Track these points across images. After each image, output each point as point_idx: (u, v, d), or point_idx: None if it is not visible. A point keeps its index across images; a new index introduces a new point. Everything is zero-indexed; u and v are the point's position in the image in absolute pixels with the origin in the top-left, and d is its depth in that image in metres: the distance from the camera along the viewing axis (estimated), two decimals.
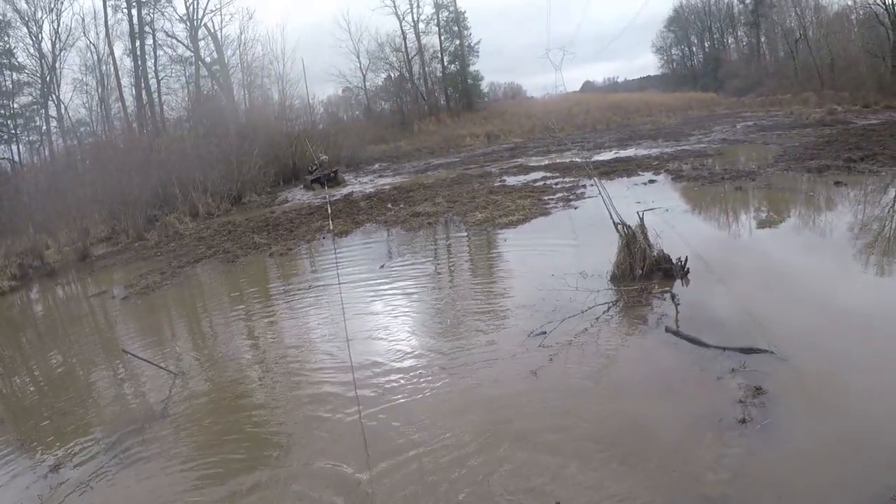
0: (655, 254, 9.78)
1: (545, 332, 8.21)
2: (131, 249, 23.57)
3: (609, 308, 8.82)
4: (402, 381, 7.52)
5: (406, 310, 10.38)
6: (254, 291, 13.77)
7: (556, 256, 11.70)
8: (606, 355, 7.47)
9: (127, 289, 16.03)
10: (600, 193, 10.94)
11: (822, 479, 4.87)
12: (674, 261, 9.76)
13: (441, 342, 8.65)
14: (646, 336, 7.93)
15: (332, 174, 31.42)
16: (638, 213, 9.97)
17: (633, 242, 9.76)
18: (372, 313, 10.38)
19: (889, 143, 21.24)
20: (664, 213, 13.70)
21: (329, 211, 21.07)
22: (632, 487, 5.06)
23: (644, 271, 9.67)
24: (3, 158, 54.10)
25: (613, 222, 10.00)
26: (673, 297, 8.89)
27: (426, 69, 67.78)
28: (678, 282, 9.53)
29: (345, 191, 28.39)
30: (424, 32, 67.34)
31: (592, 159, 25.57)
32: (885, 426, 5.42)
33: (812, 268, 9.89)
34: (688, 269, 9.68)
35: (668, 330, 7.83)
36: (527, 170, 24.90)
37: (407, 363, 8.05)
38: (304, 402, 7.44)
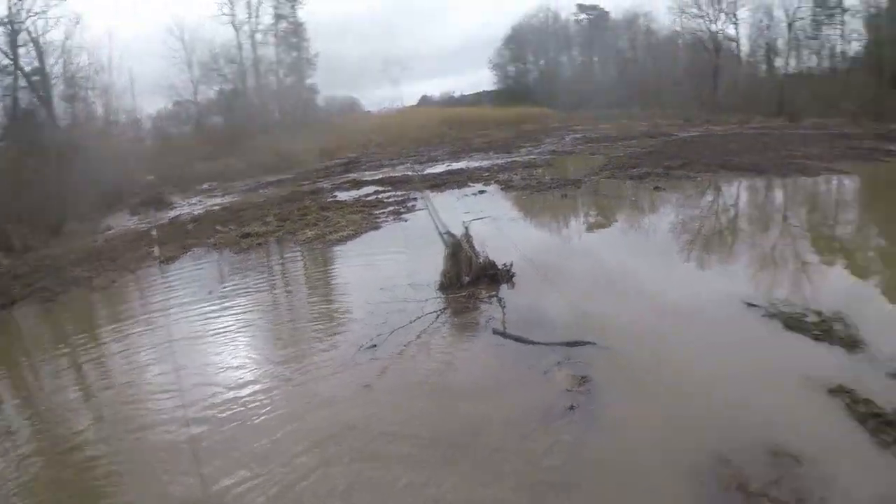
0: (481, 261, 10.00)
1: (375, 346, 8.21)
2: None
3: (438, 316, 8.93)
4: (236, 406, 7.31)
5: (239, 333, 10.11)
6: (78, 331, 13.06)
7: (386, 269, 11.73)
8: (437, 361, 7.58)
9: None
10: (427, 205, 11.08)
11: (648, 453, 5.26)
12: (499, 266, 10.03)
13: (274, 364, 8.45)
14: (474, 340, 8.11)
15: (157, 194, 30.44)
16: (463, 222, 10.21)
17: (458, 251, 9.97)
18: (204, 339, 10.03)
19: (704, 153, 22.93)
20: (493, 221, 14.05)
21: (154, 236, 20.40)
22: (470, 483, 5.22)
23: (471, 278, 9.88)
24: None
25: (439, 233, 10.16)
26: (499, 300, 9.14)
27: (261, 82, 66.77)
28: (504, 286, 9.78)
29: (172, 213, 27.51)
30: (262, 43, 66.07)
31: (425, 172, 25.91)
32: (700, 403, 5.95)
33: (635, 266, 10.52)
34: (513, 273, 9.97)
35: (495, 332, 8.05)
36: (359, 184, 24.94)
37: (242, 387, 7.79)
38: (138, 441, 7.03)
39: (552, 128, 46.09)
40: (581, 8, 77.34)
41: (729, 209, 15.11)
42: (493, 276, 9.96)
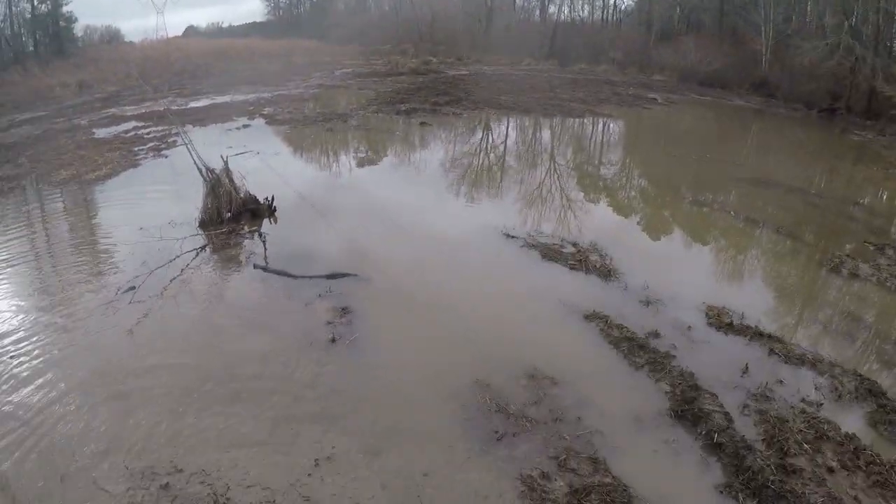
0: (242, 195, 9.92)
1: (134, 287, 7.94)
2: None
3: (198, 253, 8.83)
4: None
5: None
6: None
7: (144, 208, 11.27)
8: (198, 300, 7.53)
9: None
10: (185, 141, 10.77)
11: (410, 380, 5.59)
12: (261, 201, 10.02)
13: (35, 312, 7.96)
14: (236, 275, 8.14)
15: None
16: (222, 156, 10.00)
17: (218, 186, 9.80)
18: None
19: (473, 91, 23.65)
20: (256, 156, 13.90)
21: None
22: (240, 418, 5.33)
23: (232, 213, 9.80)
24: None
25: (198, 168, 9.93)
26: (261, 235, 9.20)
27: (13, 9, 61.58)
28: (267, 220, 9.85)
29: None
30: None
31: (189, 106, 25.02)
32: (460, 330, 6.37)
33: (400, 199, 10.87)
34: (275, 207, 10.01)
35: (256, 266, 8.13)
36: (119, 120, 23.65)
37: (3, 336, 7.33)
38: None
39: (322, 62, 45.59)
40: None
41: (496, 146, 15.74)
42: (254, 211, 9.96)
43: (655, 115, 20.44)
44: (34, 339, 7.17)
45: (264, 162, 13.31)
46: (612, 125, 18.87)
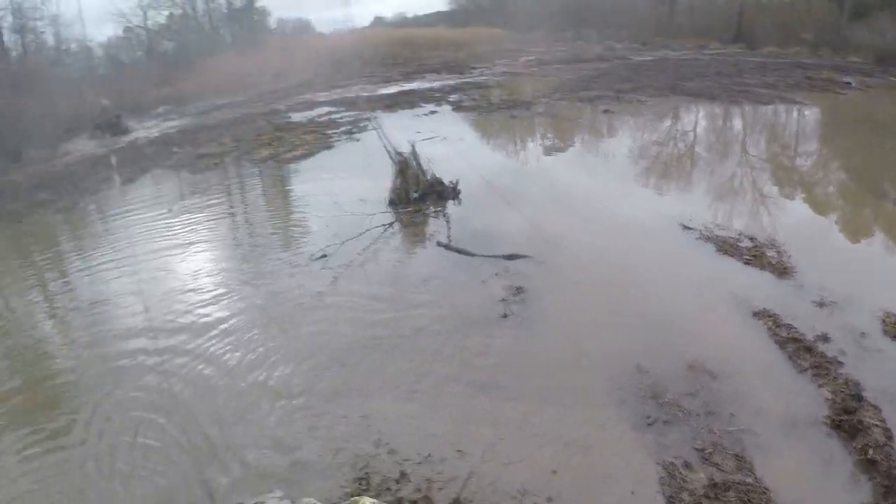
0: (429, 178, 10.35)
1: (326, 256, 8.62)
2: None
3: (386, 229, 9.34)
4: (204, 316, 7.61)
5: (201, 247, 10.37)
6: (45, 250, 13.24)
7: (339, 186, 12.05)
8: (384, 270, 8.02)
9: None
10: (375, 126, 11.31)
11: (572, 359, 5.66)
12: (446, 183, 10.38)
13: (236, 273, 8.81)
14: (420, 251, 8.59)
15: (114, 119, 30.06)
16: (409, 141, 10.44)
17: (406, 168, 10.30)
18: (170, 254, 10.25)
19: (657, 77, 22.99)
20: (442, 141, 14.30)
21: (113, 160, 20.35)
22: (414, 375, 5.69)
23: (419, 194, 10.24)
24: None
25: (387, 151, 10.42)
26: (445, 215, 9.58)
27: (210, 5, 65.41)
28: (451, 202, 10.18)
29: (129, 137, 27.31)
30: None
31: (378, 93, 25.87)
32: (627, 317, 6.33)
33: (575, 185, 10.91)
34: (459, 190, 10.35)
35: (439, 244, 8.50)
36: (313, 105, 24.87)
37: (207, 298, 8.09)
38: (110, 357, 7.21)
39: (506, 49, 45.68)
40: None
41: (681, 135, 15.29)
42: (440, 193, 10.32)
43: (852, 101, 19.11)
44: (233, 294, 8.00)
45: (450, 147, 13.69)
46: (805, 113, 17.89)
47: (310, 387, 5.80)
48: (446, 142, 14.34)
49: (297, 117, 21.91)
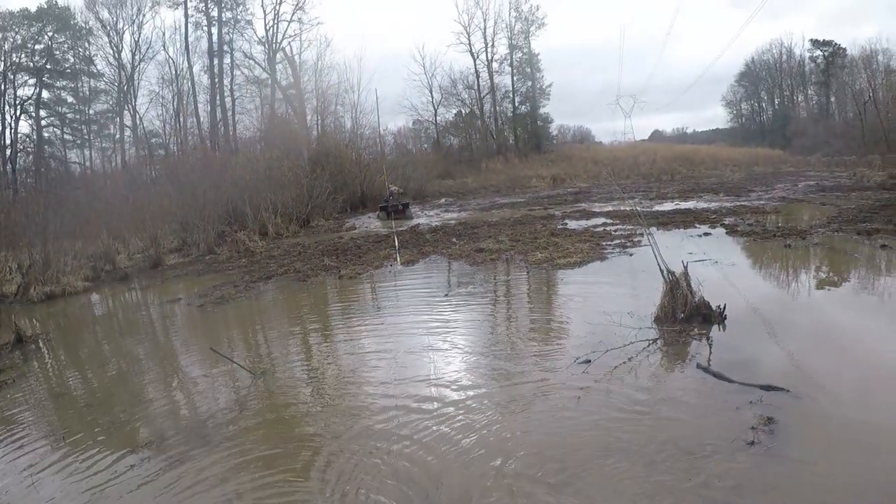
0: (696, 300, 10.60)
1: (589, 361, 9.25)
2: (202, 262, 25.17)
3: (649, 344, 9.75)
4: (456, 419, 8.26)
5: (466, 341, 11.34)
6: (326, 310, 14.98)
7: (608, 297, 12.67)
8: (642, 384, 8.41)
9: (202, 297, 17.39)
10: (650, 242, 11.80)
11: (809, 496, 5.63)
12: (713, 307, 10.57)
13: (495, 364, 9.73)
14: (679, 370, 8.86)
15: (401, 207, 32.52)
16: (683, 262, 10.83)
17: (676, 288, 10.65)
18: (432, 347, 11.26)
19: None
20: (713, 264, 14.46)
21: (396, 242, 22.16)
22: (653, 488, 5.99)
23: (685, 315, 10.54)
24: (76, 163, 56.77)
25: (660, 269, 10.88)
26: (708, 339, 9.79)
27: (497, 108, 69.01)
28: (715, 326, 10.33)
29: (411, 223, 29.54)
30: (497, 72, 68.86)
31: (654, 209, 26.27)
32: (878, 472, 5.97)
33: (851, 323, 10.54)
34: (725, 315, 10.48)
35: (699, 366, 8.73)
36: (589, 215, 25.68)
37: (463, 400, 8.79)
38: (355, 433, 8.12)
39: (785, 172, 44.53)
40: (815, 44, 73.98)
41: None
42: (706, 316, 10.50)
43: None
44: (486, 390, 8.82)
45: (720, 271, 13.80)
46: None
47: (539, 476, 6.40)
48: (717, 265, 14.46)
49: (572, 224, 22.82)
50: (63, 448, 8.69)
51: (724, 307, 10.58)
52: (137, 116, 58.50)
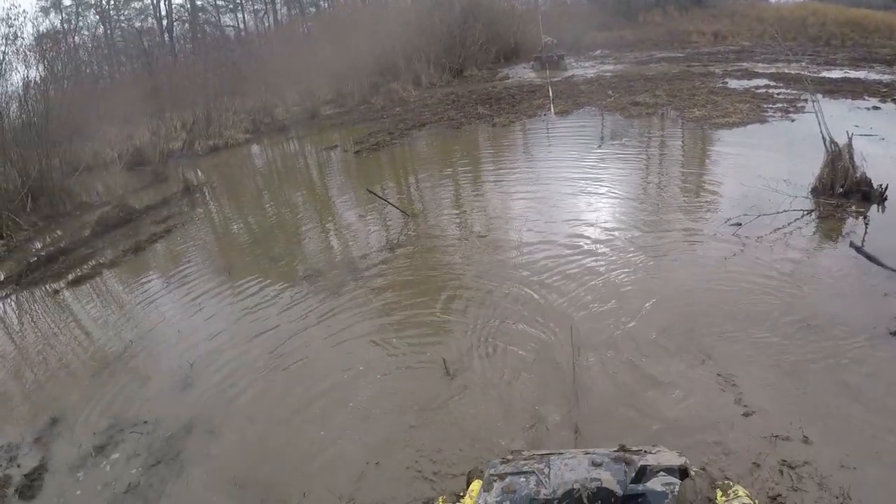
0: (858, 175, 10.03)
1: (740, 224, 9.15)
2: (357, 111, 25.76)
3: (803, 215, 9.43)
4: (602, 258, 8.63)
5: (616, 190, 11.31)
6: (478, 156, 15.10)
7: (764, 161, 12.18)
8: (790, 255, 8.25)
9: (357, 144, 17.86)
10: (815, 108, 11.17)
11: None
12: (874, 185, 9.99)
13: (645, 218, 9.80)
14: (830, 246, 8.58)
15: (556, 57, 31.90)
16: (847, 132, 10.24)
17: (837, 160, 10.10)
18: (582, 192, 11.44)
19: None
20: (881, 141, 13.62)
21: (550, 92, 21.84)
22: (792, 361, 6.01)
23: (844, 189, 10.02)
24: (230, 26, 57.75)
25: (822, 138, 10.36)
26: (865, 218, 9.34)
27: None
28: (875, 206, 9.80)
29: (566, 74, 28.92)
30: None
31: (821, 75, 24.66)
32: None
33: None
34: (886, 196, 9.88)
35: (851, 245, 8.38)
36: (751, 75, 24.31)
37: (610, 240, 9.14)
38: (515, 278, 8.47)
39: None
40: None
41: None
42: (865, 194, 9.96)
43: None
44: (632, 249, 8.86)
45: (886, 149, 12.81)
46: None
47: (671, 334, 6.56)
48: (884, 142, 13.54)
49: (733, 84, 21.72)
50: (227, 280, 9.42)
51: (886, 187, 9.95)
52: None
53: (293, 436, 5.87)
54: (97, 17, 49.79)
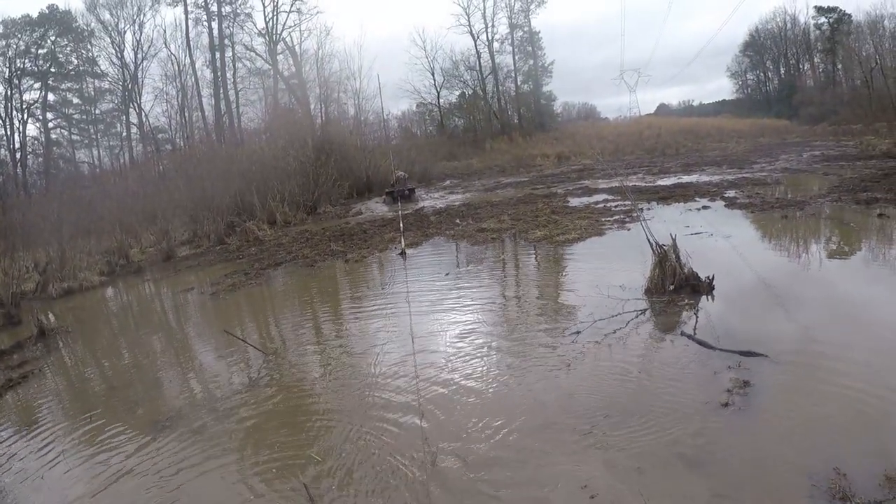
0: (686, 271, 11.00)
1: (579, 332, 9.74)
2: (213, 252, 25.85)
3: (637, 315, 10.18)
4: (462, 381, 8.82)
5: (469, 314, 11.82)
6: (336, 292, 15.45)
7: (601, 271, 13.09)
8: (629, 352, 8.87)
9: (214, 286, 17.96)
10: (640, 217, 12.17)
11: (776, 452, 5.99)
12: (702, 278, 10.96)
13: (499, 341, 10.15)
14: (664, 338, 9.28)
15: (406, 191, 33.18)
16: (671, 234, 11.22)
17: (665, 260, 11.06)
18: (440, 316, 11.91)
19: None
20: (709, 236, 14.82)
21: (401, 225, 22.60)
22: (632, 446, 6.42)
23: (674, 286, 10.94)
24: (85, 162, 57.80)
25: (649, 242, 11.27)
26: (695, 309, 10.22)
27: (500, 88, 68.96)
28: (704, 297, 10.72)
29: (417, 206, 30.06)
30: (498, 52, 68.69)
31: (656, 184, 26.53)
32: (843, 427, 6.30)
33: (835, 292, 10.75)
34: (713, 285, 10.86)
35: (683, 334, 9.16)
36: (591, 192, 25.98)
37: (469, 363, 9.42)
38: (368, 407, 8.57)
39: (791, 142, 44.46)
40: (820, 11, 73.51)
41: None
42: (694, 287, 10.89)
43: None
44: (486, 361, 9.36)
45: (715, 243, 14.19)
46: None
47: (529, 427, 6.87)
48: (712, 238, 14.83)
49: (574, 202, 23.22)
50: (87, 427, 9.24)
51: (713, 278, 10.95)
52: (143, 114, 59.44)
53: None
54: None
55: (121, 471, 7.74)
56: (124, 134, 60.02)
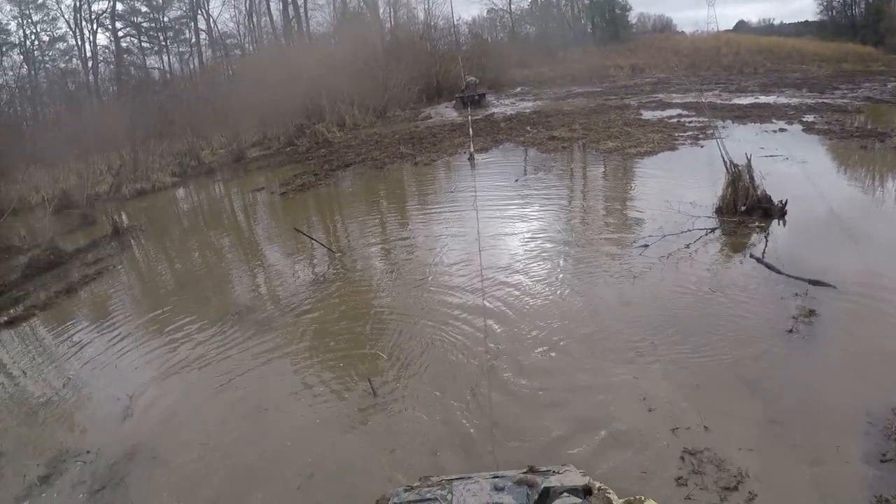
0: (759, 193, 10.81)
1: (647, 245, 9.79)
2: (282, 154, 26.22)
3: (707, 233, 10.14)
4: (527, 283, 9.07)
5: (535, 220, 11.91)
6: (403, 194, 15.61)
7: (672, 186, 13.02)
8: (696, 270, 8.89)
9: (283, 186, 18.24)
10: (717, 136, 11.96)
11: (837, 385, 5.98)
12: (775, 202, 10.78)
13: (564, 247, 10.33)
14: (732, 259, 9.28)
15: (477, 96, 32.76)
16: (746, 154, 10.98)
17: (738, 180, 10.88)
18: (506, 220, 12.09)
19: None
20: (784, 161, 14.44)
21: (471, 130, 22.45)
22: (693, 363, 6.56)
23: (746, 207, 10.78)
24: (155, 68, 57.70)
25: (723, 160, 11.10)
26: (766, 232, 10.10)
27: None
28: (775, 222, 10.56)
29: (487, 112, 29.75)
30: None
31: (732, 102, 25.81)
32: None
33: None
34: (786, 210, 10.67)
35: (752, 256, 9.13)
36: (664, 106, 25.45)
37: (533, 266, 9.66)
38: (432, 304, 8.90)
39: (875, 71, 42.57)
40: None
41: None
42: (766, 210, 10.74)
43: None
44: (550, 265, 9.53)
45: (789, 168, 13.84)
46: None
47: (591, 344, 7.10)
48: (787, 162, 14.45)
49: (647, 115, 22.77)
50: (158, 319, 9.66)
51: (786, 202, 10.76)
52: (211, 20, 58.75)
53: (235, 454, 6.10)
54: (21, 56, 49.03)
55: (188, 357, 8.16)
56: (193, 40, 59.69)
